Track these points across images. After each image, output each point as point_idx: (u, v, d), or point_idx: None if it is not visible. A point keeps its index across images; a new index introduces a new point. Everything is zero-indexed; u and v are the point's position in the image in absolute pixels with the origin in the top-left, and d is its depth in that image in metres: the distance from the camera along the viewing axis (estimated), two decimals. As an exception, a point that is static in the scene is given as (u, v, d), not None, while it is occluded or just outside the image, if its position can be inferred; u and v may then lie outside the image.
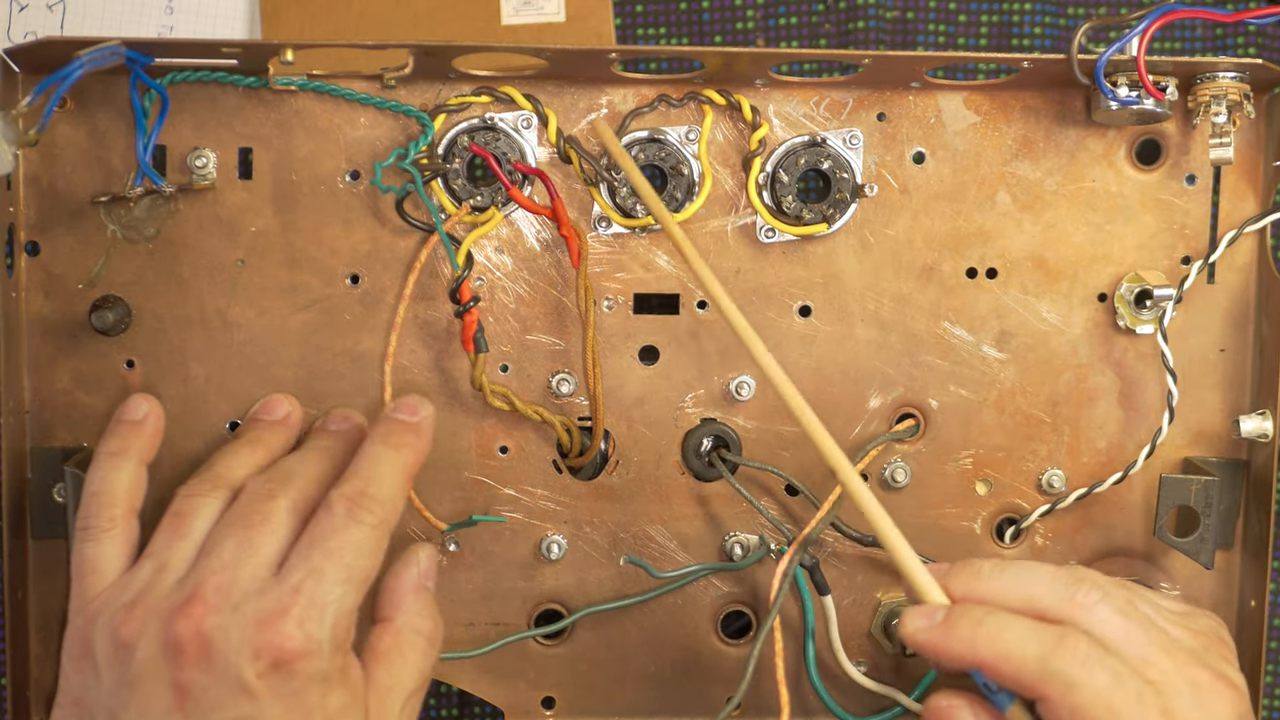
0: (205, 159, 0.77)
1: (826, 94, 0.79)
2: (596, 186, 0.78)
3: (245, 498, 0.69)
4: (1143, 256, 0.81)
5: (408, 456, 0.70)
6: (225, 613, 0.64)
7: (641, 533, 0.81)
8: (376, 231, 0.78)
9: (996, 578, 0.67)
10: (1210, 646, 0.68)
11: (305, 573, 0.65)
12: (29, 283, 0.78)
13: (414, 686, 0.69)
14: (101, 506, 0.71)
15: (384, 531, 0.68)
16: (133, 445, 0.73)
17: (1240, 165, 0.80)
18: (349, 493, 0.68)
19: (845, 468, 0.69)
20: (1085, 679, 0.63)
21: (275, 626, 0.63)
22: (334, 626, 0.65)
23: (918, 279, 0.80)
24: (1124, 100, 0.75)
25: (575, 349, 0.80)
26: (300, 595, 0.64)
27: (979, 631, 0.65)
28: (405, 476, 0.70)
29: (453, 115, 0.78)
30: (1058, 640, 0.64)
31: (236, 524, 0.68)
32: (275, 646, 0.63)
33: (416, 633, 0.70)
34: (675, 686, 0.83)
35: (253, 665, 0.63)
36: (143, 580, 0.67)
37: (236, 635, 0.63)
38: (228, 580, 0.65)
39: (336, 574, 0.65)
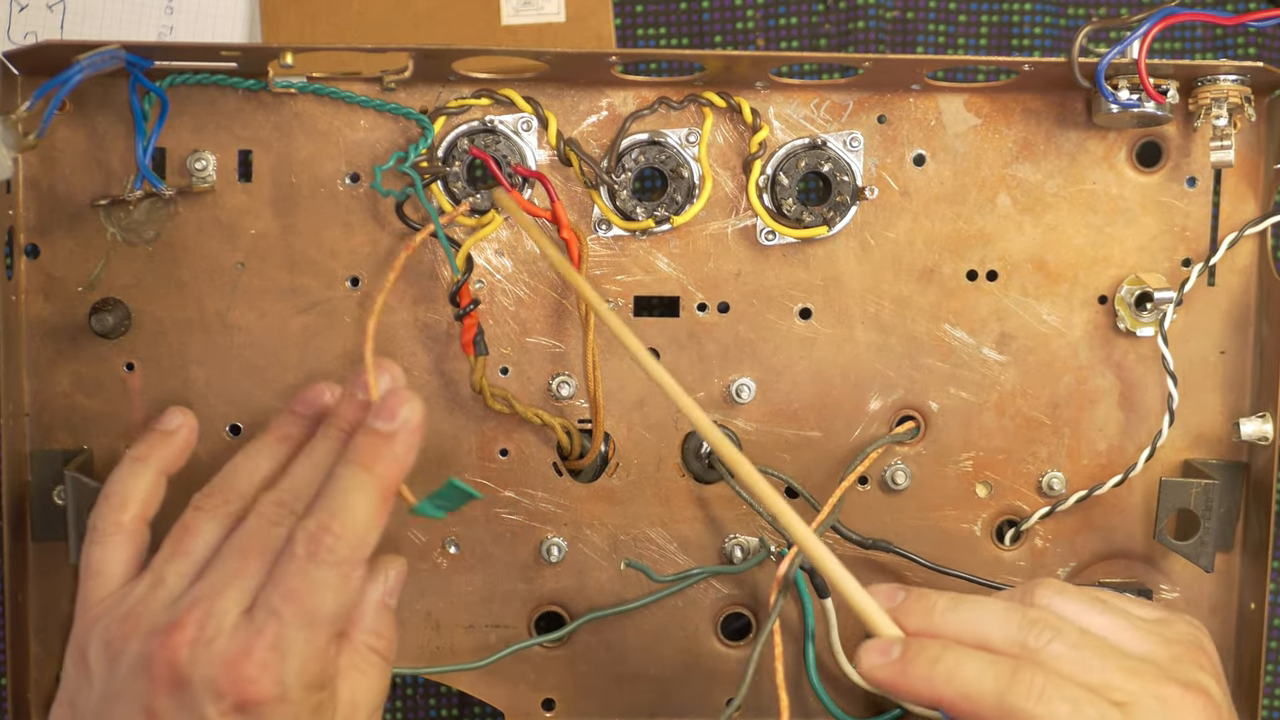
0: (205, 161, 0.77)
1: (827, 96, 0.79)
2: (596, 189, 0.78)
3: (252, 520, 0.67)
4: (1143, 259, 0.81)
5: (381, 474, 0.66)
6: (200, 646, 0.63)
7: (641, 535, 0.81)
8: (376, 234, 0.78)
9: (950, 614, 0.66)
10: (1184, 656, 0.67)
11: (268, 615, 0.63)
12: (29, 285, 0.78)
13: (376, 703, 0.68)
14: (111, 510, 0.70)
15: (350, 566, 0.65)
16: (156, 453, 0.72)
17: (1241, 168, 0.80)
18: (312, 529, 0.65)
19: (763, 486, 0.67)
20: (1044, 712, 0.62)
21: (239, 669, 0.62)
22: (301, 670, 0.63)
23: (918, 281, 0.80)
24: (1125, 103, 0.75)
25: (575, 351, 0.80)
26: (263, 638, 0.63)
27: (936, 669, 0.64)
28: (379, 498, 0.66)
29: (453, 118, 0.78)
30: (1013, 675, 0.63)
31: (235, 551, 0.66)
32: (238, 690, 0.62)
33: (372, 650, 0.68)
34: (675, 688, 0.83)
35: (216, 704, 0.62)
36: (139, 595, 0.67)
37: (205, 671, 0.63)
38: (207, 611, 0.64)
39: (296, 617, 0.63)
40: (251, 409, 0.79)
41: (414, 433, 0.67)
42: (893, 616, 0.66)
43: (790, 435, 0.81)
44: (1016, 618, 0.66)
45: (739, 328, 0.80)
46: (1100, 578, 0.82)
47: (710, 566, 0.81)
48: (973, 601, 0.67)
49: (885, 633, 0.66)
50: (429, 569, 0.81)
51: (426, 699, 0.90)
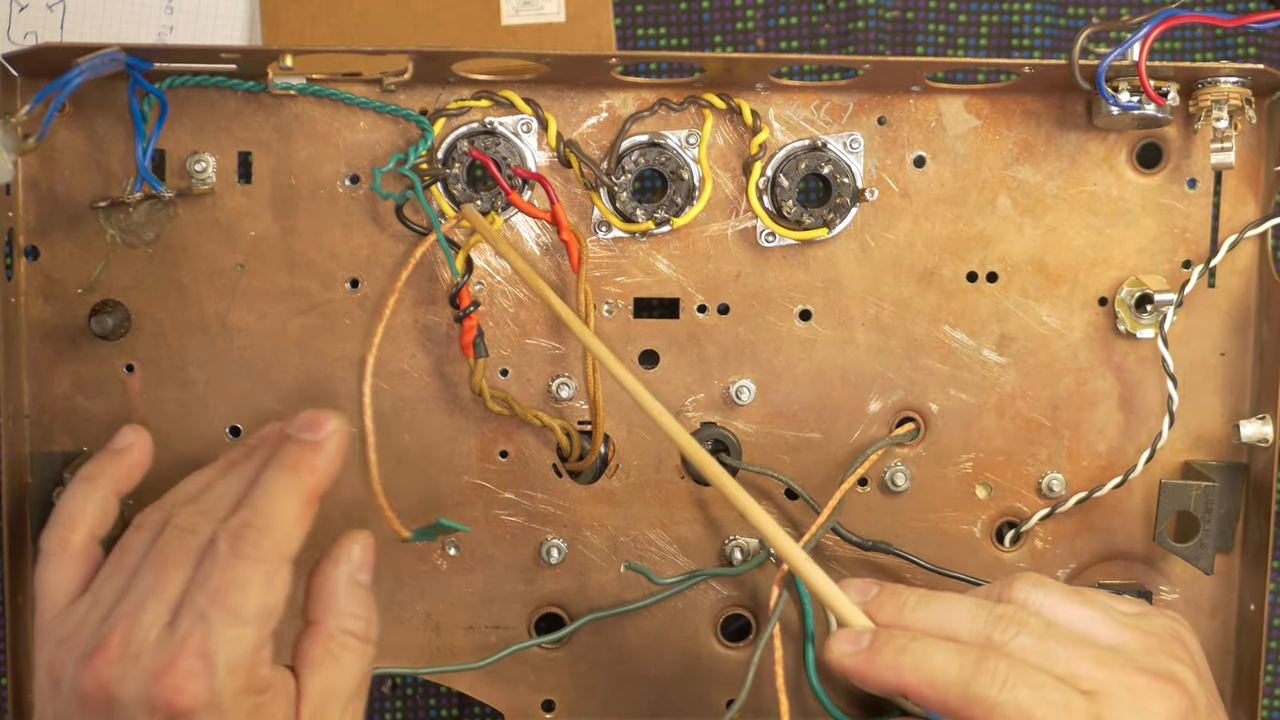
0: (204, 163, 0.77)
1: (827, 98, 0.79)
2: (596, 191, 0.78)
3: (166, 532, 0.66)
4: (1143, 260, 0.80)
5: (305, 479, 0.66)
6: (126, 663, 0.63)
7: (641, 537, 0.81)
8: (376, 236, 0.78)
9: (920, 609, 0.67)
10: (1158, 648, 0.67)
11: (193, 620, 0.63)
12: (28, 287, 0.78)
13: (352, 689, 0.67)
14: (60, 531, 0.69)
15: (275, 563, 0.64)
16: (107, 472, 0.71)
17: (1241, 169, 0.80)
18: (233, 527, 0.65)
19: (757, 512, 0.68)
20: (1007, 698, 0.63)
21: (166, 681, 0.62)
22: (231, 673, 0.62)
23: (918, 283, 0.80)
24: (1125, 105, 0.75)
25: (575, 353, 0.80)
26: (188, 645, 0.62)
27: (903, 658, 0.65)
28: (301, 501, 0.66)
29: (452, 119, 0.78)
30: (977, 663, 0.64)
31: (153, 564, 0.65)
32: (169, 702, 0.61)
33: (347, 633, 0.67)
34: (675, 689, 0.83)
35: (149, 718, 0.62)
36: (78, 616, 0.66)
37: (133, 688, 0.62)
38: (130, 629, 0.63)
39: (223, 618, 0.62)
40: (251, 411, 0.78)
41: (340, 443, 0.68)
42: (865, 610, 0.68)
43: (790, 437, 0.81)
44: (984, 613, 0.67)
45: (739, 329, 0.80)
46: (1100, 579, 0.82)
47: (710, 569, 0.81)
48: (943, 597, 0.68)
49: (855, 624, 0.67)
50: (429, 570, 0.81)
51: (426, 699, 0.90)
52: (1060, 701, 0.63)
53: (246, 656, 0.63)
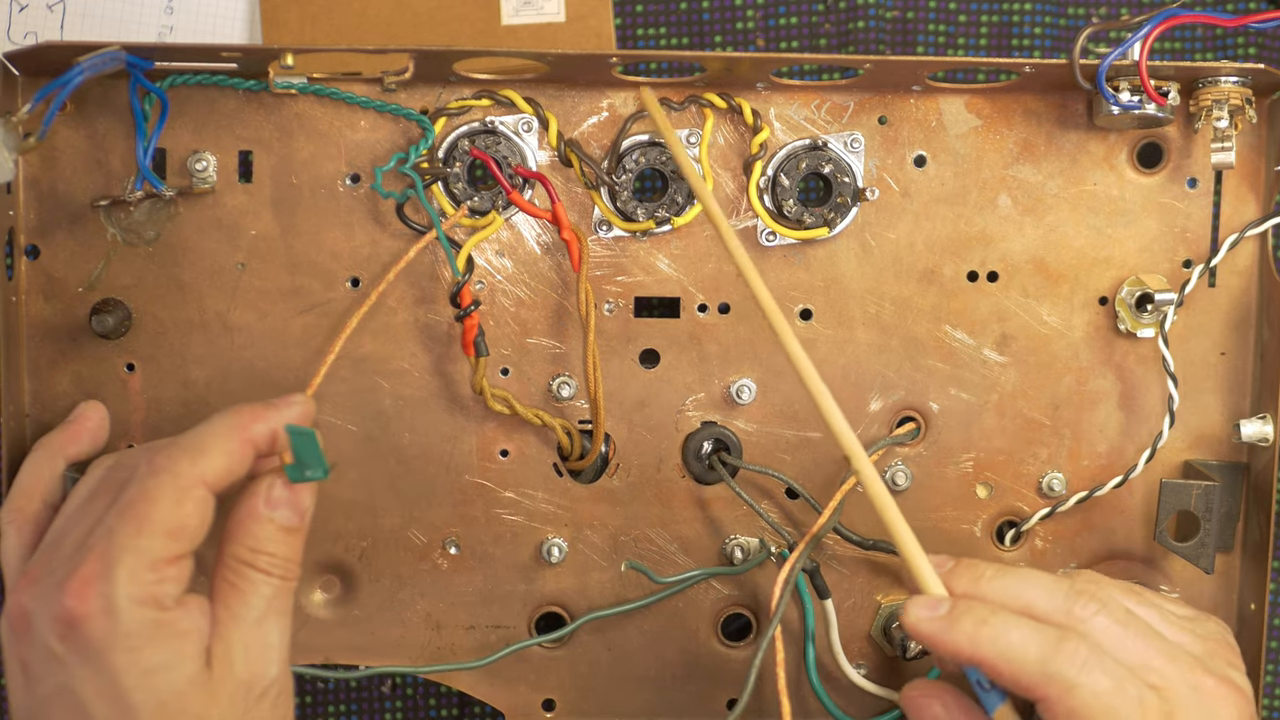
0: (205, 162, 0.77)
1: (828, 97, 0.79)
2: (597, 190, 0.78)
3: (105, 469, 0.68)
4: (1144, 260, 0.81)
5: (245, 418, 0.66)
6: (41, 583, 0.64)
7: (642, 536, 0.81)
8: (377, 235, 0.78)
9: (998, 581, 0.67)
10: (1215, 652, 0.68)
11: (102, 532, 0.63)
12: (29, 286, 0.78)
13: (255, 617, 0.66)
14: (14, 502, 0.72)
15: (190, 480, 0.64)
16: (54, 441, 0.74)
17: (1242, 169, 0.80)
18: (153, 446, 0.66)
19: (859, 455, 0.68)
20: (1085, 681, 0.63)
21: (69, 589, 0.62)
22: (130, 581, 0.62)
23: (919, 282, 0.80)
24: (1126, 105, 0.75)
25: (576, 352, 0.80)
26: (93, 554, 0.63)
27: (982, 630, 0.65)
28: (233, 432, 0.65)
29: (453, 118, 0.78)
30: (1058, 643, 0.64)
31: (85, 495, 0.68)
32: (66, 610, 0.62)
33: (243, 563, 0.66)
34: (675, 688, 0.83)
35: (53, 631, 0.63)
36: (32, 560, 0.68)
37: (43, 605, 0.63)
38: (51, 554, 0.65)
39: (129, 527, 0.63)
40: (252, 410, 0.78)
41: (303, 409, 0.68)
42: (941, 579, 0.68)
43: (790, 436, 0.81)
44: (1063, 587, 0.67)
45: (739, 329, 0.80)
46: (1100, 578, 0.82)
47: (710, 568, 0.81)
48: (1020, 571, 0.68)
49: (934, 592, 0.67)
50: (429, 569, 0.81)
51: (426, 699, 0.90)
52: (1136, 695, 0.64)
53: (149, 569, 0.63)
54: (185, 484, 0.64)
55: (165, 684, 0.63)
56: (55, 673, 0.63)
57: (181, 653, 0.63)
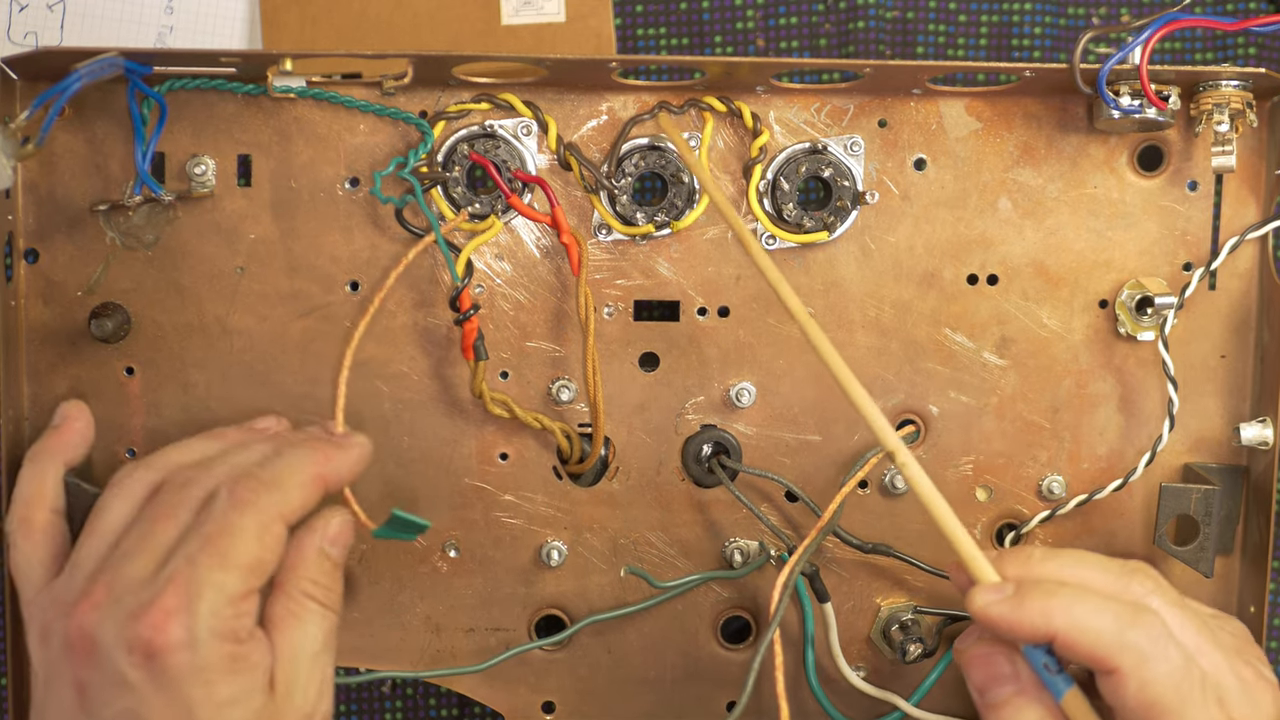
0: (204, 166, 0.77)
1: (828, 100, 0.79)
2: (596, 194, 0.78)
3: (162, 489, 0.68)
4: (1144, 263, 0.80)
5: (318, 459, 0.69)
6: (107, 607, 0.64)
7: (642, 539, 0.81)
8: (376, 238, 0.78)
9: (1050, 561, 0.67)
10: (1246, 648, 0.69)
11: (182, 561, 0.64)
12: (28, 290, 0.78)
13: (314, 649, 0.68)
14: (19, 511, 0.71)
15: (271, 516, 0.66)
16: (51, 448, 0.74)
17: (1242, 172, 0.80)
18: (235, 478, 0.67)
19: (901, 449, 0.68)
20: (1160, 654, 0.64)
21: (145, 618, 0.63)
22: (212, 615, 0.63)
23: (918, 286, 0.80)
24: (1126, 109, 0.75)
25: (575, 356, 0.80)
26: (173, 585, 0.63)
27: (1053, 602, 0.64)
28: (308, 474, 0.68)
29: (452, 122, 0.77)
30: (1135, 614, 0.64)
31: (144, 517, 0.67)
32: (145, 639, 0.63)
33: (306, 596, 0.68)
34: (675, 691, 0.83)
35: (128, 659, 0.63)
36: (61, 582, 0.68)
37: (114, 629, 0.63)
38: (116, 576, 0.65)
39: (212, 561, 0.64)
40: (252, 413, 0.78)
41: (362, 455, 0.71)
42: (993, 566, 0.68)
43: (790, 439, 0.81)
44: (1116, 566, 0.67)
45: (739, 332, 0.80)
46: (1100, 581, 0.82)
47: (710, 572, 0.81)
48: (1068, 551, 0.68)
49: (989, 578, 0.67)
50: (429, 572, 0.81)
51: (426, 699, 0.90)
52: (1199, 677, 0.64)
53: (229, 604, 0.64)
54: (267, 520, 0.66)
55: (236, 717, 0.64)
56: (123, 698, 0.63)
57: (252, 685, 0.65)
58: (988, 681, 0.68)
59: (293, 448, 0.69)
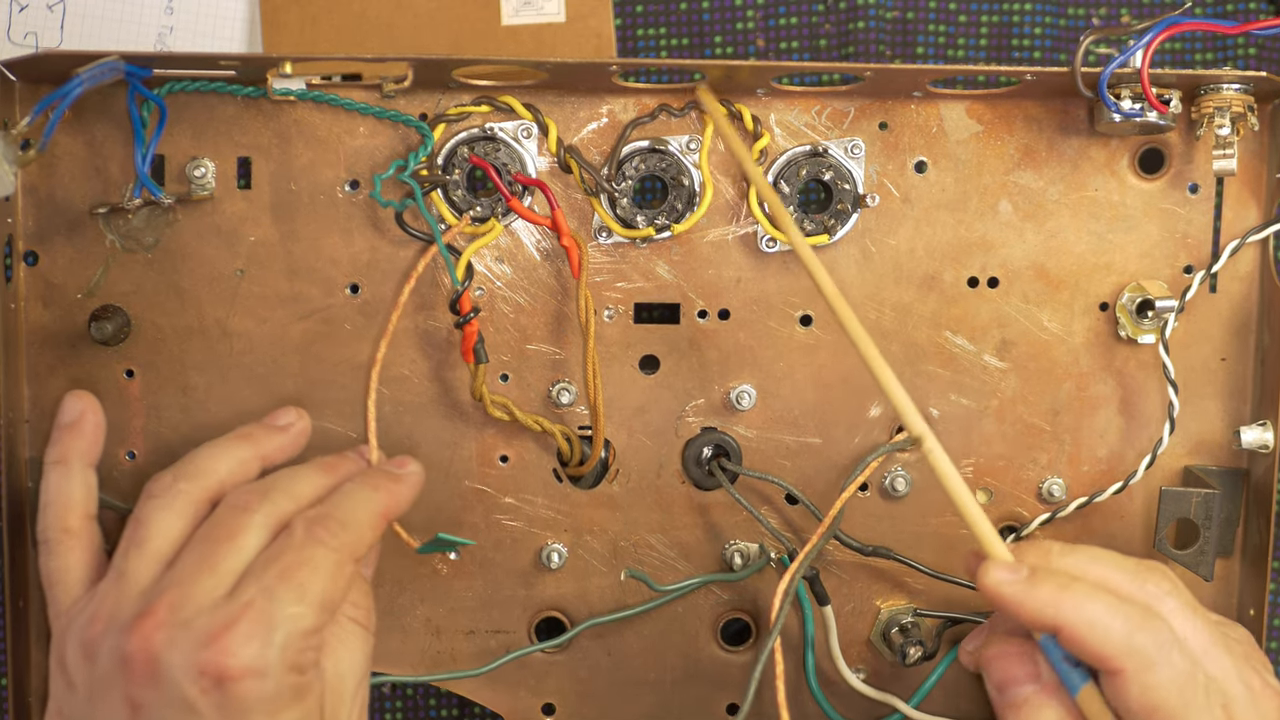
0: (204, 169, 0.77)
1: (828, 103, 0.79)
2: (596, 196, 0.78)
3: (221, 509, 0.68)
4: (1145, 266, 0.80)
5: (383, 497, 0.71)
6: (174, 628, 0.64)
7: (642, 541, 0.81)
8: (376, 241, 0.78)
9: (1069, 556, 0.68)
10: (1254, 654, 0.69)
11: (257, 591, 0.64)
12: (28, 293, 0.77)
13: (360, 674, 0.69)
14: (56, 519, 0.71)
15: (345, 556, 0.67)
16: (74, 450, 0.73)
17: (1243, 175, 0.80)
18: (312, 514, 0.68)
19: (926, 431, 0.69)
20: (1164, 661, 0.64)
21: (219, 644, 0.63)
22: (284, 647, 0.64)
23: (919, 288, 0.80)
24: (1127, 113, 0.75)
25: (575, 358, 0.79)
26: (249, 612, 0.64)
27: (1065, 595, 0.65)
28: (377, 513, 0.70)
29: (452, 125, 0.77)
30: (1144, 618, 0.65)
31: (205, 538, 0.67)
32: (217, 665, 0.63)
33: (351, 620, 0.69)
34: (675, 693, 0.83)
35: (196, 683, 0.63)
36: (104, 592, 0.68)
37: (182, 652, 0.63)
38: (181, 596, 0.65)
39: (289, 594, 0.64)
40: (252, 416, 0.78)
41: (417, 483, 0.73)
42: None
43: (790, 442, 0.81)
44: (1132, 565, 0.68)
45: (739, 335, 0.80)
46: (1100, 584, 0.82)
47: (710, 575, 0.81)
48: (1087, 548, 0.69)
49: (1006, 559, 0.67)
50: (429, 575, 0.81)
51: (427, 699, 0.90)
52: (1204, 683, 0.65)
53: (301, 637, 0.65)
54: (343, 559, 0.67)
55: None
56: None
57: (309, 714, 0.66)
58: (1007, 681, 0.68)
59: (359, 486, 0.70)
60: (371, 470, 0.73)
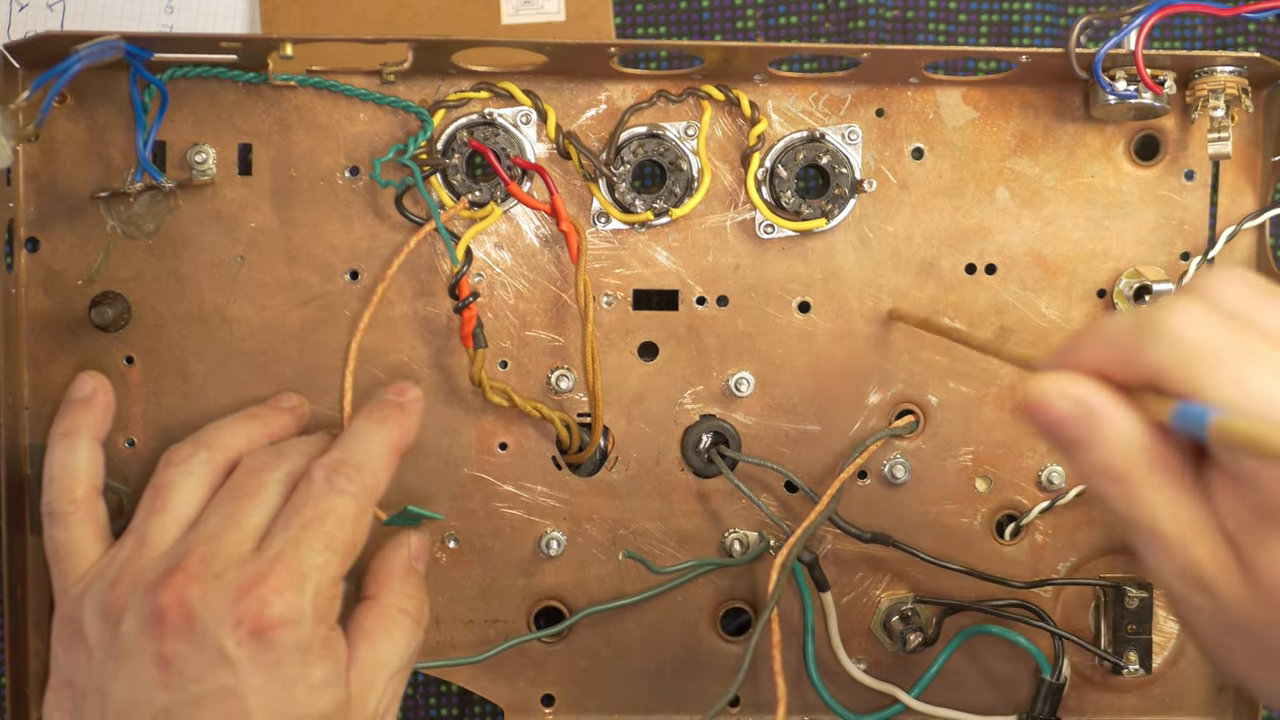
0: (205, 155, 0.77)
1: (825, 90, 0.79)
2: (595, 181, 0.78)
3: (239, 472, 0.70)
4: (1142, 252, 0.80)
5: (392, 431, 0.71)
6: (207, 582, 0.64)
7: (641, 529, 0.81)
8: (376, 227, 0.78)
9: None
10: None
11: (285, 542, 0.65)
12: (29, 279, 0.78)
13: (399, 665, 0.69)
14: (63, 490, 0.72)
15: (365, 500, 0.68)
16: (83, 424, 0.74)
17: (1239, 161, 0.80)
18: (328, 462, 0.68)
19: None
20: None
21: (254, 594, 0.64)
22: (315, 596, 0.65)
23: (917, 275, 0.80)
24: (1122, 94, 0.75)
25: (574, 345, 0.80)
26: (280, 563, 0.65)
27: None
28: (388, 448, 0.71)
29: (452, 111, 0.78)
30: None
31: (227, 497, 0.68)
32: (254, 615, 0.63)
33: (402, 612, 0.70)
34: (674, 683, 0.83)
35: (233, 634, 0.63)
36: (124, 556, 0.68)
37: (217, 604, 0.64)
38: (211, 551, 0.65)
39: (315, 542, 0.66)
40: (251, 402, 0.78)
41: (419, 409, 0.73)
42: None
43: (789, 429, 0.81)
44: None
45: (738, 321, 0.80)
46: (1101, 573, 0.82)
47: (709, 559, 0.81)
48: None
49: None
50: (428, 563, 0.81)
51: (427, 698, 0.90)
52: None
53: (330, 585, 0.66)
54: (364, 504, 0.68)
55: (325, 702, 0.65)
56: (219, 675, 0.63)
57: (338, 674, 0.66)
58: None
59: (368, 423, 0.71)
60: (377, 402, 0.73)
